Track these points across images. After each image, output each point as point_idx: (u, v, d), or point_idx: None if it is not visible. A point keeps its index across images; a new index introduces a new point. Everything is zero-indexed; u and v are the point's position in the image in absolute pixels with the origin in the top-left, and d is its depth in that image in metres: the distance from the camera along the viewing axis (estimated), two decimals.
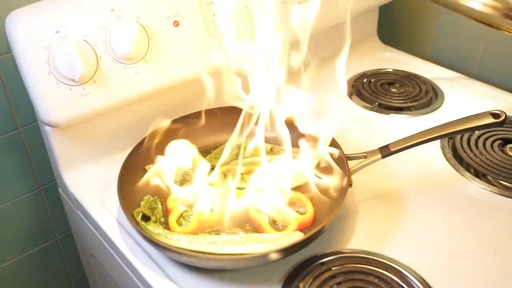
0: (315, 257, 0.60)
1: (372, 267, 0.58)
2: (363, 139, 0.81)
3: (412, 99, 0.88)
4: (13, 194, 0.88)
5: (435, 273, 0.58)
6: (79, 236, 0.87)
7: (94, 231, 0.70)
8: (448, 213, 0.67)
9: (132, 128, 0.73)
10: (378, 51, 1.06)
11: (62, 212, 0.90)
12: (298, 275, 0.57)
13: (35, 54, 0.63)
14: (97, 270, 0.85)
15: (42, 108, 0.66)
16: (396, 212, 0.66)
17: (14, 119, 0.82)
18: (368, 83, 0.95)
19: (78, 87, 0.66)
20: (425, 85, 0.92)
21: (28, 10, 0.65)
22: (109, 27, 0.67)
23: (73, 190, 0.73)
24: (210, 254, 0.56)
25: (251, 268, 0.59)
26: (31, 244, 0.94)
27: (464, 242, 0.62)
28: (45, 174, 0.89)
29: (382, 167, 0.73)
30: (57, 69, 0.64)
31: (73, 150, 0.74)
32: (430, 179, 0.72)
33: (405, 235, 0.63)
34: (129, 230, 0.64)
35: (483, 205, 0.68)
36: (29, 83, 0.65)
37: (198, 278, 0.58)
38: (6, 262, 0.92)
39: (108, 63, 0.68)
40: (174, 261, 0.60)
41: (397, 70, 0.99)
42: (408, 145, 0.65)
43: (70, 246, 0.98)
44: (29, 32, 0.63)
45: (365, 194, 0.69)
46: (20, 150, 0.85)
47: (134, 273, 0.61)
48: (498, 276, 0.58)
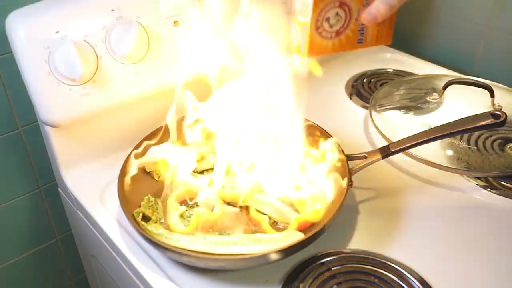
0: (315, 257, 0.60)
1: (372, 267, 0.58)
2: (363, 139, 0.81)
3: (412, 99, 0.88)
4: (13, 194, 0.88)
5: (435, 273, 0.58)
6: (79, 236, 0.87)
7: (94, 231, 0.70)
8: (448, 213, 0.67)
9: (132, 128, 0.73)
10: (378, 51, 1.06)
11: (62, 212, 0.90)
12: (298, 275, 0.57)
13: (35, 54, 0.63)
14: (97, 270, 0.84)
15: (42, 108, 0.66)
16: (396, 212, 0.66)
17: (14, 119, 0.82)
18: (368, 83, 0.95)
19: (78, 87, 0.66)
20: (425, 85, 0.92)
21: (28, 10, 0.65)
22: (109, 27, 0.67)
23: (73, 190, 0.73)
24: (210, 254, 0.56)
25: (251, 268, 0.59)
26: (31, 244, 0.94)
27: (464, 242, 0.62)
28: (45, 174, 0.89)
29: (382, 167, 0.73)
30: (57, 69, 0.64)
31: (73, 150, 0.74)
32: (430, 179, 0.72)
33: (405, 235, 0.63)
34: (129, 230, 0.64)
35: (483, 205, 0.68)
36: (29, 83, 0.65)
37: (198, 278, 0.58)
38: (6, 262, 0.92)
39: (108, 63, 0.68)
40: (174, 261, 0.60)
41: (397, 70, 0.99)
42: (408, 145, 0.65)
43: (70, 246, 0.98)
44: (29, 32, 0.63)
45: (365, 194, 0.69)
46: (20, 150, 0.85)
47: (134, 273, 0.61)
48: (498, 276, 0.58)
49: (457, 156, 0.74)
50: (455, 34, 1.01)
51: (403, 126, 0.81)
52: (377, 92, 0.89)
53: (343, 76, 0.98)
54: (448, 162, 0.73)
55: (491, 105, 0.81)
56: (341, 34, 0.53)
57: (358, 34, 0.54)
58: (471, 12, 0.97)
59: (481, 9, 0.95)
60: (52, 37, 0.64)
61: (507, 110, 0.70)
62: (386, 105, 0.86)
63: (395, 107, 0.86)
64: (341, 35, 0.53)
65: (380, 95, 0.88)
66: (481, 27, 0.96)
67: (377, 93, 0.88)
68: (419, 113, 0.85)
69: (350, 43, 0.54)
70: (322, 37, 0.52)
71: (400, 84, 0.92)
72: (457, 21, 1.00)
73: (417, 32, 1.09)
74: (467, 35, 0.99)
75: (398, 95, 0.89)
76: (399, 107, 0.86)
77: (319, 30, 0.52)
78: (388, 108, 0.85)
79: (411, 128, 0.72)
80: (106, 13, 0.67)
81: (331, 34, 0.53)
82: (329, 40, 0.53)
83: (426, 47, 1.08)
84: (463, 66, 1.01)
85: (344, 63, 1.01)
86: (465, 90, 0.84)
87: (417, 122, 0.82)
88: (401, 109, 0.85)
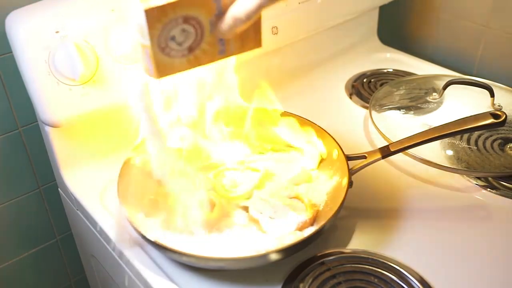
0: (315, 257, 0.60)
1: (372, 267, 0.58)
2: (363, 139, 0.81)
3: (412, 99, 0.88)
4: (13, 194, 0.87)
5: (435, 273, 0.58)
6: (79, 236, 0.87)
7: (94, 231, 0.70)
8: (448, 213, 0.67)
9: (132, 128, 0.73)
10: (378, 51, 1.06)
11: (62, 212, 0.90)
12: (298, 275, 0.57)
13: (35, 54, 0.63)
14: (97, 270, 0.84)
15: (42, 108, 0.66)
16: (396, 212, 0.66)
17: (14, 119, 0.82)
18: (368, 83, 0.95)
19: (78, 87, 0.66)
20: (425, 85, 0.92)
21: (28, 10, 0.65)
22: (109, 27, 0.67)
23: (73, 190, 0.73)
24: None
25: (251, 268, 0.59)
26: (31, 244, 0.94)
27: (464, 242, 0.62)
28: (45, 174, 0.89)
29: (382, 167, 0.73)
30: (57, 69, 0.64)
31: (73, 150, 0.74)
32: (430, 179, 0.72)
33: (405, 235, 0.63)
34: (129, 230, 0.64)
35: (483, 205, 0.68)
36: (29, 83, 0.65)
37: (198, 278, 0.58)
38: (6, 262, 0.92)
39: (108, 63, 0.68)
40: (174, 261, 0.60)
41: (397, 70, 0.99)
42: (408, 145, 0.65)
43: (70, 246, 0.98)
44: (29, 32, 0.63)
45: (365, 194, 0.69)
46: (20, 150, 0.85)
47: (134, 273, 0.61)
48: (497, 276, 0.58)
49: (457, 156, 0.74)
50: (455, 34, 1.01)
51: (403, 126, 0.81)
52: (377, 92, 0.89)
53: (343, 76, 0.98)
54: (448, 162, 0.73)
55: (491, 105, 0.81)
56: (195, 50, 0.49)
57: (218, 45, 0.49)
58: (471, 12, 0.97)
59: (481, 9, 0.95)
60: (52, 37, 0.64)
61: (507, 110, 0.70)
62: (386, 105, 0.86)
63: (395, 107, 0.86)
64: (195, 50, 0.49)
65: (380, 95, 0.88)
66: (481, 27, 0.96)
67: (377, 93, 0.88)
68: (419, 113, 0.85)
69: (209, 56, 0.50)
70: (171, 56, 0.48)
71: (400, 84, 0.92)
72: (457, 21, 1.00)
73: (417, 32, 1.09)
74: (467, 35, 0.99)
75: (398, 95, 0.89)
76: (399, 107, 0.86)
77: (165, 50, 0.47)
78: (388, 108, 0.85)
79: (411, 128, 0.73)
80: (106, 13, 0.67)
81: (181, 52, 0.48)
82: (181, 58, 0.48)
83: (426, 47, 1.08)
84: (463, 66, 1.01)
85: (344, 63, 1.01)
86: (465, 90, 0.85)
87: (417, 122, 0.82)
88: (401, 109, 0.85)
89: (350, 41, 1.04)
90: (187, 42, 0.48)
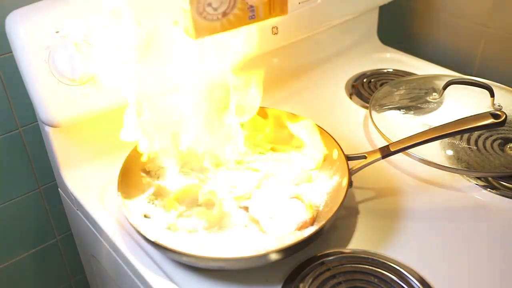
0: (315, 257, 0.60)
1: (372, 267, 0.58)
2: (363, 139, 0.81)
3: (412, 99, 0.88)
4: (13, 194, 0.88)
5: (435, 273, 0.58)
6: (79, 236, 0.87)
7: (94, 231, 0.70)
8: (448, 213, 0.67)
9: None
10: (378, 51, 1.06)
11: (62, 212, 0.90)
12: (298, 275, 0.57)
13: (35, 54, 0.63)
14: (97, 270, 0.84)
15: (42, 108, 0.66)
16: (396, 212, 0.66)
17: (14, 119, 0.82)
18: (368, 83, 0.95)
19: (78, 87, 0.66)
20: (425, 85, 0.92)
21: (28, 10, 0.65)
22: (109, 27, 0.67)
23: (73, 190, 0.73)
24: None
25: (251, 268, 0.59)
26: (31, 244, 0.94)
27: (464, 242, 0.62)
28: (45, 174, 0.89)
29: (382, 167, 0.73)
30: (57, 69, 0.64)
31: (73, 150, 0.74)
32: (430, 179, 0.72)
33: (405, 235, 0.63)
34: (129, 230, 0.64)
35: (483, 205, 0.68)
36: (29, 83, 0.65)
37: (198, 278, 0.58)
38: (6, 262, 0.92)
39: (108, 63, 0.67)
40: (174, 261, 0.60)
41: (397, 70, 0.99)
42: (408, 145, 0.65)
43: (70, 246, 0.98)
44: (29, 32, 0.63)
45: (365, 194, 0.69)
46: (20, 150, 0.85)
47: (134, 273, 0.61)
48: (497, 276, 0.58)
49: (457, 156, 0.74)
50: (455, 34, 1.01)
51: (403, 126, 0.81)
52: (377, 92, 0.89)
53: (343, 76, 0.98)
54: (448, 162, 0.73)
55: (491, 105, 0.81)
56: (229, 14, 0.54)
57: (249, 11, 0.55)
58: (471, 12, 0.97)
59: (481, 9, 0.95)
60: (52, 37, 0.64)
61: (507, 110, 0.70)
62: (386, 105, 0.86)
63: (395, 107, 0.86)
64: (228, 15, 0.54)
65: (380, 95, 0.88)
66: (481, 27, 0.96)
67: (377, 93, 0.88)
68: (419, 113, 0.85)
69: (241, 20, 0.55)
70: (208, 20, 0.54)
71: (400, 84, 0.92)
72: (457, 21, 1.00)
73: (417, 32, 1.09)
74: (467, 35, 0.99)
75: (398, 95, 0.89)
76: (399, 107, 0.86)
77: (202, 14, 0.53)
78: (388, 108, 0.85)
79: (411, 128, 0.72)
80: (106, 13, 0.67)
81: (217, 16, 0.54)
82: (216, 22, 0.54)
83: (426, 47, 1.08)
84: (463, 66, 1.01)
85: (344, 63, 1.01)
86: (465, 90, 0.84)
87: (417, 122, 0.82)
88: (401, 109, 0.85)
89: (350, 41, 1.04)
90: (221, 7, 0.54)
